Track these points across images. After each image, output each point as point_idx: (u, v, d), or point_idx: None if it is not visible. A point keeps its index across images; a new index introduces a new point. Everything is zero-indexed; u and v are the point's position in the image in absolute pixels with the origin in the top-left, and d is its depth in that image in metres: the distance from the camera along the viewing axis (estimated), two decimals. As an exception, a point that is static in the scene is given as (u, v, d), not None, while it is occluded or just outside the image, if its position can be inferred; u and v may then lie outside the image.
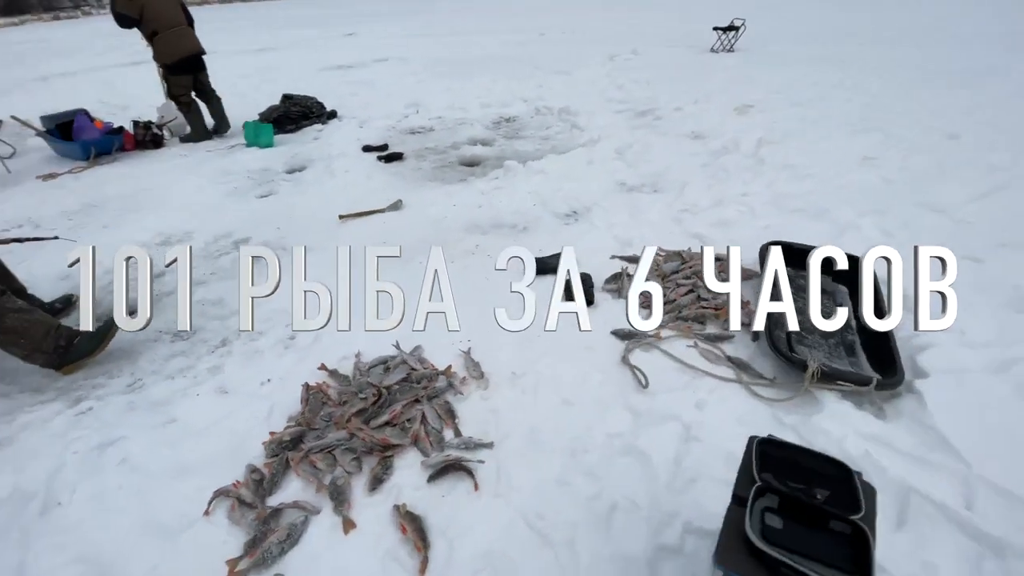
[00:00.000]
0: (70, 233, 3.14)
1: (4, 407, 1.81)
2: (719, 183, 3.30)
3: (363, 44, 11.86)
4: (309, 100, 5.43)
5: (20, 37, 21.96)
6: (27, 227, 3.26)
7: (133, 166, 4.33)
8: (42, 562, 1.28)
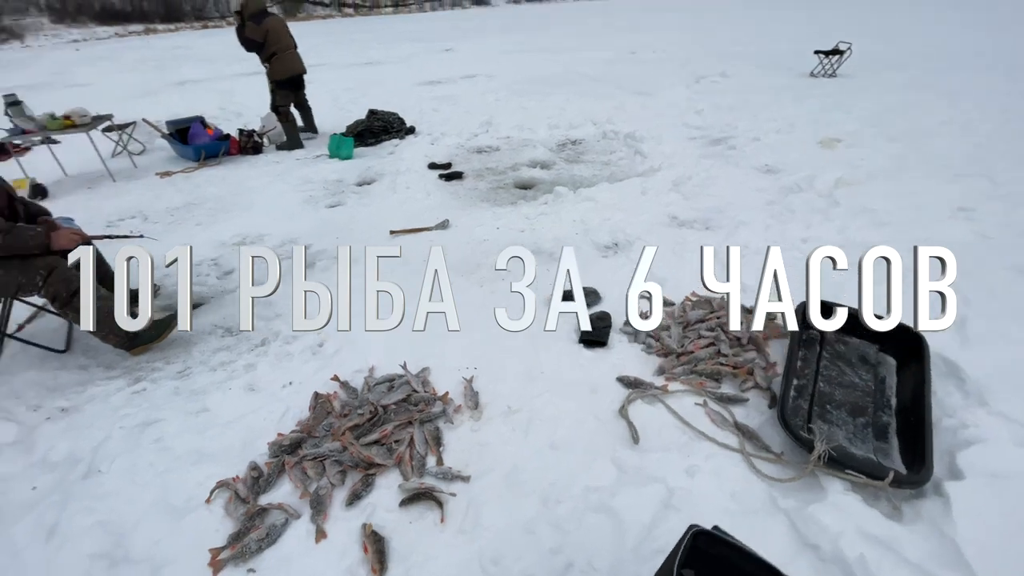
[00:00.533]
0: (169, 228, 3.63)
1: (81, 378, 2.14)
2: (780, 224, 3.07)
3: (458, 60, 12.44)
4: (391, 116, 5.80)
5: (172, 43, 25.63)
6: (137, 219, 3.81)
7: (233, 170, 4.89)
8: (73, 523, 1.50)
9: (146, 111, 7.13)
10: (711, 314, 2.16)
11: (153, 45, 26.64)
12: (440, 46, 16.20)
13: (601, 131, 5.28)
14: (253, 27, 4.94)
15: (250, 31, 4.95)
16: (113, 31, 50.56)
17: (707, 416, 1.73)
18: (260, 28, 4.95)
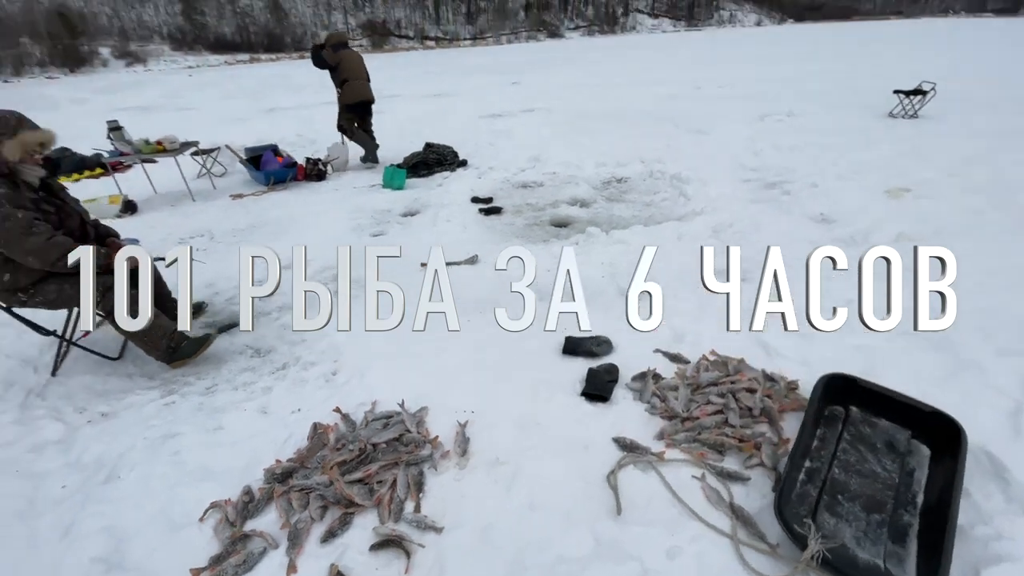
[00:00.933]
0: (230, 248, 3.96)
1: (125, 386, 2.36)
2: (824, 280, 2.86)
3: (522, 93, 12.81)
4: (445, 149, 6.05)
5: (271, 72, 28.27)
6: (205, 237, 4.19)
7: (296, 195, 5.28)
8: (85, 525, 1.64)
9: (237, 135, 7.93)
10: (725, 378, 2.04)
11: (255, 73, 29.54)
12: (508, 79, 16.76)
13: (648, 170, 5.21)
14: (330, 53, 5.72)
15: (327, 55, 5.72)
16: (223, 59, 56.76)
17: (702, 492, 1.62)
18: (335, 55, 5.74)
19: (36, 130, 2.15)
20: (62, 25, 50.69)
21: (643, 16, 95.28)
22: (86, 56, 49.97)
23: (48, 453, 1.97)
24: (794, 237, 3.44)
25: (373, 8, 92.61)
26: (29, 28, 49.94)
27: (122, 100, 17.28)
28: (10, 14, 51.35)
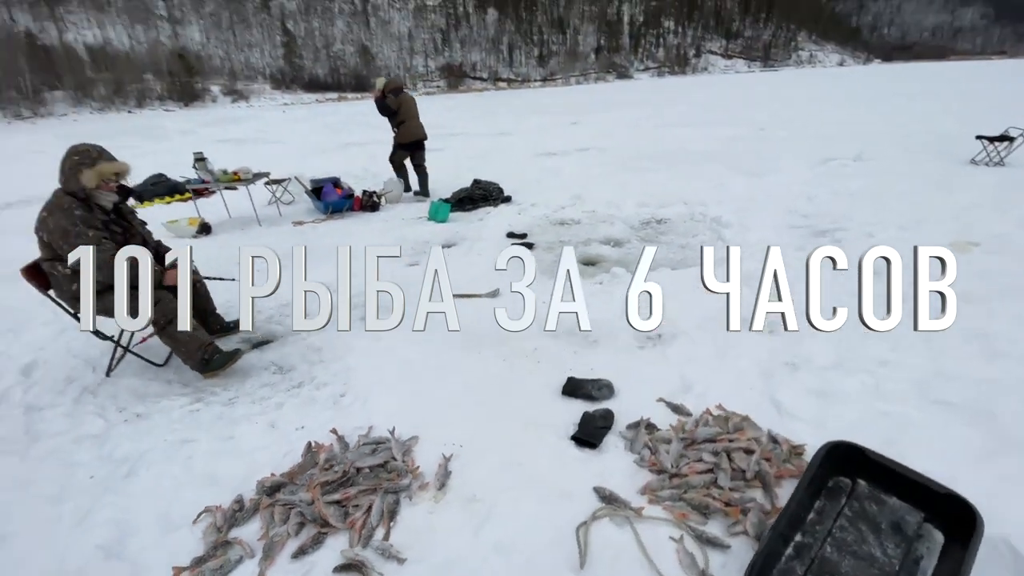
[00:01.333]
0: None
1: (162, 390, 2.60)
2: (859, 338, 2.66)
3: (580, 133, 13.07)
4: (491, 185, 6.28)
5: (355, 110, 30.51)
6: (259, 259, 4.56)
7: (350, 223, 5.66)
8: (99, 515, 1.81)
9: (315, 167, 8.71)
10: (723, 434, 1.93)
11: (340, 111, 32.16)
12: (570, 119, 17.16)
13: (690, 212, 5.11)
14: (392, 99, 6.28)
15: (390, 101, 6.27)
16: (315, 97, 62.61)
17: (676, 555, 1.53)
18: (397, 100, 6.30)
19: (113, 162, 2.50)
20: (181, 65, 58.08)
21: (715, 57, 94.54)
22: (199, 92, 56.82)
23: (85, 445, 2.20)
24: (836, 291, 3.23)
25: (451, 52, 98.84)
26: (153, 66, 57.66)
27: (223, 132, 19.35)
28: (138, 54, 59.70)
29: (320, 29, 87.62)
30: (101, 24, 69.99)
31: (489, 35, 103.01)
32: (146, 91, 54.01)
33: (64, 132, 25.90)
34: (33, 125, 36.87)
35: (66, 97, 49.81)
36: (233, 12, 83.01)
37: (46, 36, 58.04)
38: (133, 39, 66.97)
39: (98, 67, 54.43)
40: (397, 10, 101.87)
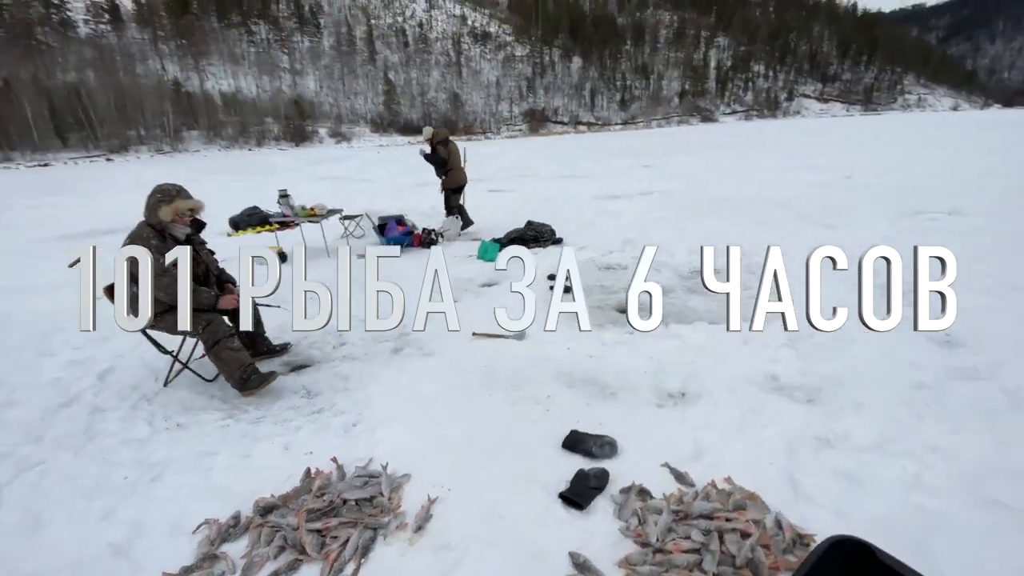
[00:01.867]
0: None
1: (205, 404, 2.86)
2: (916, 419, 2.35)
3: (650, 176, 12.97)
4: (544, 227, 6.38)
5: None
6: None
7: (406, 258, 5.95)
8: (120, 514, 2.01)
9: (398, 204, 9.39)
10: (721, 512, 1.77)
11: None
12: (643, 162, 17.11)
13: (746, 263, 4.84)
14: (442, 149, 6.73)
15: (441, 151, 6.71)
16: (407, 140, 67.72)
17: (640, 640, 1.41)
18: (447, 150, 6.76)
19: (188, 200, 2.88)
20: (296, 110, 65.50)
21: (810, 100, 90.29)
22: (308, 134, 63.56)
23: (130, 448, 2.46)
24: (895, 359, 2.89)
25: (535, 97, 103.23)
26: (273, 111, 65.59)
27: (324, 170, 21.37)
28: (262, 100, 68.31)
29: (417, 79, 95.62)
30: (235, 75, 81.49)
31: (572, 81, 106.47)
32: (265, 132, 61.55)
33: (194, 166, 30.03)
34: (171, 159, 43.00)
35: (200, 136, 58.06)
36: (344, 64, 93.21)
37: (190, 84, 68.51)
38: (260, 88, 77.09)
39: (228, 111, 62.97)
40: (487, 60, 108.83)
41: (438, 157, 6.75)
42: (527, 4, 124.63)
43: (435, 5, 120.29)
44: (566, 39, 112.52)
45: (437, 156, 6.75)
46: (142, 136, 53.94)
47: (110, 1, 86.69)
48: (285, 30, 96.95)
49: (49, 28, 76.60)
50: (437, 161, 6.77)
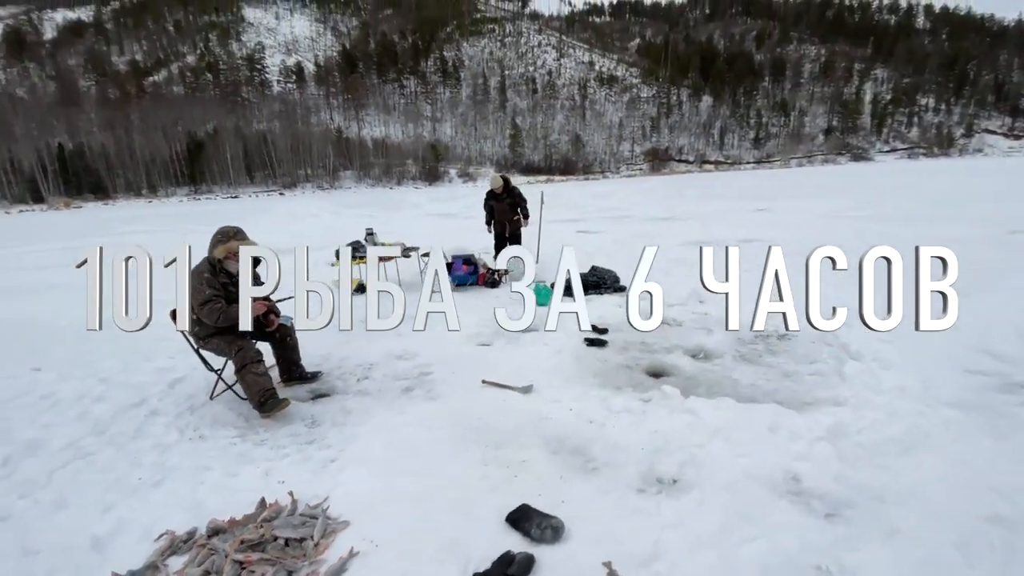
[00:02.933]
0: (378, 336, 4.89)
1: (229, 421, 3.20)
2: (966, 568, 1.78)
3: (758, 220, 11.91)
4: (608, 273, 6.16)
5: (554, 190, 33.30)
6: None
7: (465, 296, 6.17)
8: (116, 511, 2.31)
9: (481, 242, 9.85)
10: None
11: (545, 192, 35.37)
12: (760, 205, 15.77)
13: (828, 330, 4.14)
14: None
15: (490, 195, 7.38)
16: (526, 179, 70.84)
17: None
18: (492, 199, 7.31)
19: (242, 241, 3.33)
20: (432, 152, 72.33)
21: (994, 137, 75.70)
22: (440, 174, 69.61)
23: (156, 452, 2.84)
24: (971, 477, 2.23)
25: (659, 136, 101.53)
26: (412, 153, 73.34)
27: (442, 207, 23.11)
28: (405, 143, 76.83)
29: (542, 123, 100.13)
30: (386, 123, 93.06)
31: (700, 120, 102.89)
32: (405, 172, 68.88)
33: (339, 200, 34.46)
34: (327, 194, 49.79)
35: (353, 175, 66.78)
36: (477, 111, 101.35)
37: (350, 131, 79.65)
38: (405, 134, 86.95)
39: (377, 154, 71.71)
40: (612, 102, 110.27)
41: (489, 205, 7.43)
42: (656, 47, 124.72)
43: (565, 54, 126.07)
44: (696, 78, 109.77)
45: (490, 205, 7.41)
46: (308, 175, 63.85)
47: (297, 64, 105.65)
48: (431, 83, 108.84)
49: (251, 87, 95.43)
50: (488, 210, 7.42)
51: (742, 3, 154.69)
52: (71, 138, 54.60)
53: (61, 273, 9.22)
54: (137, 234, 16.80)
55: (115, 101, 71.57)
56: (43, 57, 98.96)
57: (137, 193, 54.05)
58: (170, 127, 60.08)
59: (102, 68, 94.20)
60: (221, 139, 60.50)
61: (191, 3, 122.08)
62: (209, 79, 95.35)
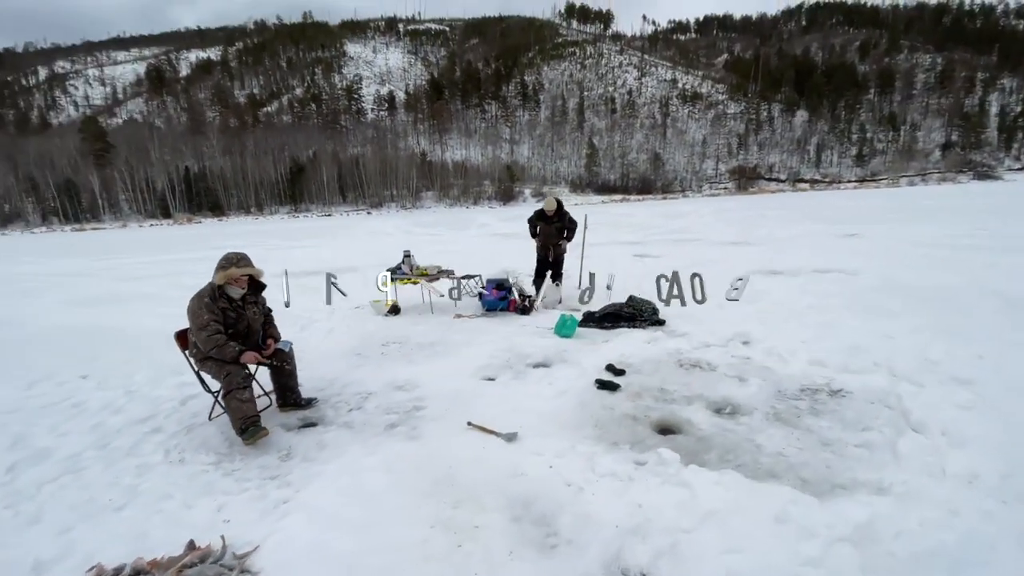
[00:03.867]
0: (393, 359, 4.81)
1: (213, 446, 3.21)
2: None
3: (844, 247, 10.62)
4: (646, 304, 5.67)
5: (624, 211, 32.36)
6: (398, 344, 5.23)
7: (493, 322, 5.96)
8: (72, 533, 2.35)
9: (528, 264, 9.68)
10: None
11: (614, 211, 34.48)
12: (847, 229, 14.12)
13: (888, 389, 3.42)
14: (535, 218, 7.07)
15: (535, 214, 7.10)
16: (601, 199, 69.82)
17: None
18: (538, 220, 7.04)
19: (243, 267, 3.38)
20: (507, 173, 73.80)
21: None
22: (515, 194, 70.73)
23: (136, 472, 2.90)
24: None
25: (747, 154, 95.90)
26: (490, 175, 75.36)
27: (504, 227, 23.19)
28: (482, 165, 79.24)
29: (620, 141, 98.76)
30: (467, 146, 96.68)
31: (794, 136, 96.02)
32: (481, 192, 70.82)
33: (415, 220, 35.98)
34: (408, 213, 52.28)
35: (433, 195, 69.80)
36: (555, 133, 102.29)
37: (433, 155, 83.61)
38: (484, 156, 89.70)
39: (456, 175, 74.45)
40: (695, 120, 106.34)
41: (534, 225, 7.17)
42: (745, 61, 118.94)
43: (646, 72, 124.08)
44: (789, 92, 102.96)
45: (534, 224, 7.18)
46: (393, 195, 67.65)
47: (389, 93, 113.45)
48: (511, 107, 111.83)
49: (348, 115, 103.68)
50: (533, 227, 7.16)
51: (843, 12, 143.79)
52: (196, 161, 62.38)
53: (152, 284, 10.30)
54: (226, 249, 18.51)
55: (233, 129, 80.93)
56: (178, 92, 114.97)
57: (247, 211, 60.25)
58: (277, 152, 66.70)
59: (225, 100, 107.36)
60: (319, 162, 66.05)
61: (302, 41, 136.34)
62: (313, 108, 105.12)
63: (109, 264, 14.85)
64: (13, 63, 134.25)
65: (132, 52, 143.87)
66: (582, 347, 4.79)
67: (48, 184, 53.11)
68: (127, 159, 57.42)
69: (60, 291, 9.85)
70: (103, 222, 52.72)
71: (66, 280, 11.52)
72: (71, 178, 54.35)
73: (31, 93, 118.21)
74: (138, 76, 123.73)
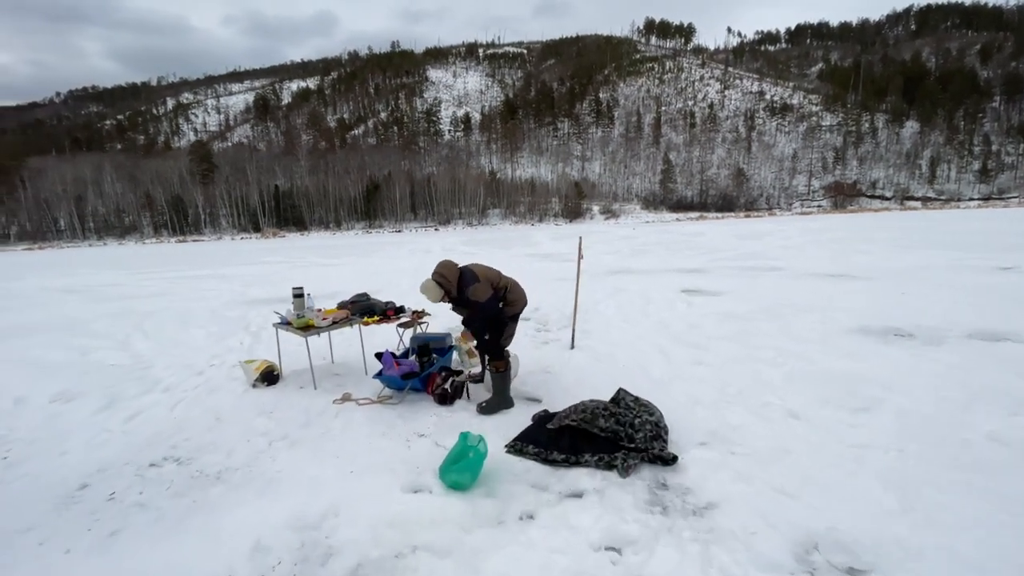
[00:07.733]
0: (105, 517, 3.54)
1: None
2: None
3: (1007, 289, 8.18)
4: (644, 424, 4.19)
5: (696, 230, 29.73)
6: (168, 466, 3.59)
7: (380, 420, 4.69)
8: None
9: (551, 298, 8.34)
10: None
11: (685, 231, 31.61)
12: (1001, 260, 11.24)
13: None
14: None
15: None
16: (675, 216, 66.08)
17: None
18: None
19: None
20: (575, 191, 72.44)
21: None
22: (582, 211, 69.17)
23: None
24: None
25: (845, 169, 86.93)
26: (558, 192, 74.44)
27: (554, 247, 21.71)
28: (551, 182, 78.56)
29: (699, 156, 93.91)
30: (537, 164, 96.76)
31: (902, 149, 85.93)
32: (548, 210, 69.97)
33: (475, 237, 35.68)
34: (474, 231, 52.62)
35: (499, 213, 70.03)
36: (628, 149, 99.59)
37: (503, 173, 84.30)
38: (553, 172, 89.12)
39: (523, 192, 74.32)
40: (785, 133, 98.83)
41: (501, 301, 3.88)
42: (843, 70, 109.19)
43: (730, 85, 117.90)
44: (896, 101, 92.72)
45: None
46: (460, 212, 68.69)
47: (465, 114, 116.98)
48: (584, 124, 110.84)
49: (426, 136, 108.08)
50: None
51: (960, 14, 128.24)
52: (286, 180, 67.43)
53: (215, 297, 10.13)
54: (261, 264, 18.73)
55: (320, 151, 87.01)
56: (279, 118, 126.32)
57: (326, 226, 63.88)
58: (357, 172, 70.49)
59: (318, 125, 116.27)
60: (393, 181, 68.84)
61: (388, 69, 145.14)
62: (395, 131, 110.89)
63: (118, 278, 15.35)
64: (147, 95, 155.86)
65: (245, 84, 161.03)
66: (474, 528, 2.42)
67: (161, 200, 59.68)
68: (227, 178, 63.23)
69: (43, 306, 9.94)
70: (203, 235, 58.11)
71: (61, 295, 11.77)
72: (179, 195, 60.67)
73: (160, 121, 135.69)
74: (247, 104, 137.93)
